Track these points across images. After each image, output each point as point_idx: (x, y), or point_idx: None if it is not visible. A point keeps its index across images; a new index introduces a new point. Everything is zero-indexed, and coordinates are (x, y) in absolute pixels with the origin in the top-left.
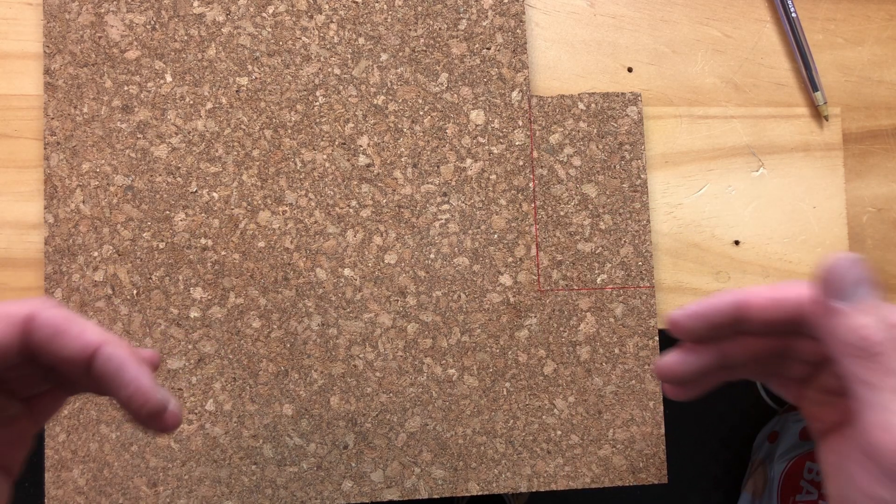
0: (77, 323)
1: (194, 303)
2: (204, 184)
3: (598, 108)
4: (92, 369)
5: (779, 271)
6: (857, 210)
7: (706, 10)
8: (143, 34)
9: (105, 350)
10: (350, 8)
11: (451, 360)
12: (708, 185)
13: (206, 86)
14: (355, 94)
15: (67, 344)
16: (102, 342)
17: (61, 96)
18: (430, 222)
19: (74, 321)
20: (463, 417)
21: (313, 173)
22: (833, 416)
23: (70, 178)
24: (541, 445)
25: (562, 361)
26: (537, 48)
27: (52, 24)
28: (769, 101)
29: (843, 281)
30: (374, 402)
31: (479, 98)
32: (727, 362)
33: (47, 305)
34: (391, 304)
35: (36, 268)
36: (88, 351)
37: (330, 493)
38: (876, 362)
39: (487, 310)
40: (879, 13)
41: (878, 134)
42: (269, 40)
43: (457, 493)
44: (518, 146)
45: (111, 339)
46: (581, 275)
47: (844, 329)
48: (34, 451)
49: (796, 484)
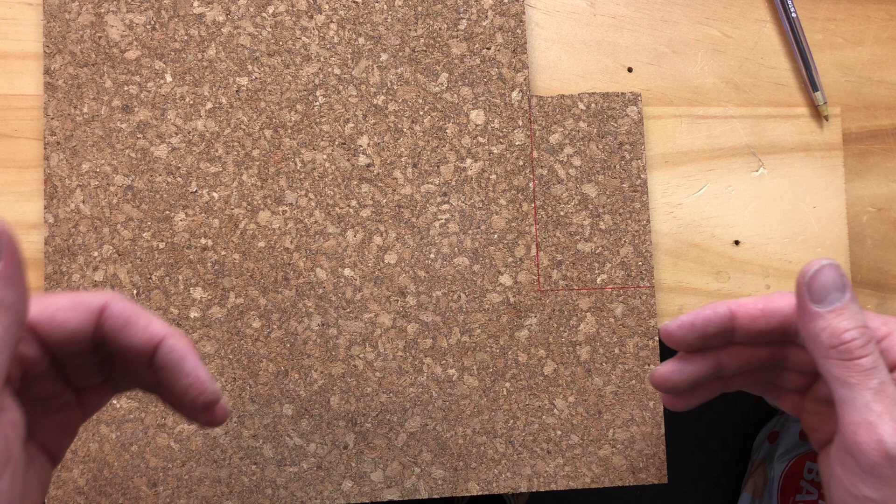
0: (145, 316)
1: (194, 303)
2: (204, 184)
3: (598, 108)
4: (155, 359)
5: (779, 271)
6: (857, 210)
7: (706, 10)
8: (143, 34)
9: (169, 341)
10: (350, 8)
11: (451, 360)
12: (708, 185)
13: (206, 86)
14: (355, 94)
15: (136, 334)
16: (167, 334)
17: (61, 96)
18: (430, 222)
19: (143, 314)
20: (463, 417)
21: (313, 173)
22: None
23: (70, 178)
24: (541, 445)
25: (562, 361)
26: (537, 48)
27: (52, 24)
28: (769, 101)
29: (823, 286)
30: (374, 402)
31: (479, 98)
32: (722, 372)
33: (118, 298)
34: (391, 304)
35: (36, 268)
36: (154, 342)
37: (330, 493)
38: (855, 363)
39: (487, 310)
40: (879, 13)
41: (878, 134)
42: (269, 40)
43: (457, 493)
44: (518, 146)
45: (175, 332)
46: (581, 275)
47: (824, 332)
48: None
49: (796, 484)
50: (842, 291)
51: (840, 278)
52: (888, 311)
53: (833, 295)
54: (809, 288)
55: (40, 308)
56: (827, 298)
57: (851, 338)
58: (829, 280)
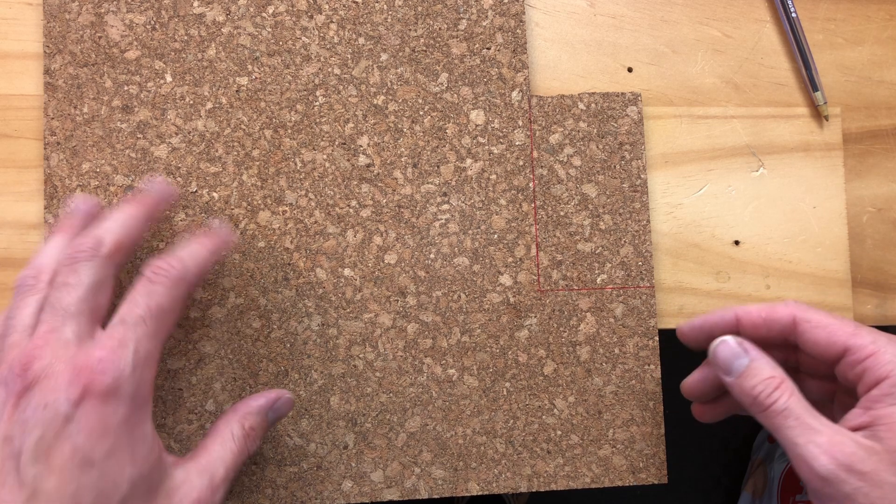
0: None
1: (194, 303)
2: (204, 184)
3: (598, 108)
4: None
5: (779, 271)
6: (857, 210)
7: (706, 10)
8: (143, 34)
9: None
10: (350, 8)
11: (451, 360)
12: (708, 185)
13: (206, 86)
14: (355, 94)
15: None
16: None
17: (61, 96)
18: (430, 222)
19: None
20: (463, 417)
21: (313, 173)
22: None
23: (70, 178)
24: (541, 445)
25: (562, 361)
26: (537, 48)
27: (52, 24)
28: (769, 101)
29: (724, 360)
30: (374, 402)
31: (479, 98)
32: None
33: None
34: (391, 304)
35: None
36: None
37: (330, 493)
38: (769, 411)
39: (487, 310)
40: (879, 13)
41: (878, 134)
42: (269, 40)
43: (457, 493)
44: (518, 146)
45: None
46: (581, 275)
47: (741, 396)
48: None
49: (796, 484)
50: (741, 357)
51: (737, 348)
52: (888, 311)
53: (735, 364)
54: (716, 365)
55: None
56: (732, 368)
57: (758, 392)
58: (727, 354)
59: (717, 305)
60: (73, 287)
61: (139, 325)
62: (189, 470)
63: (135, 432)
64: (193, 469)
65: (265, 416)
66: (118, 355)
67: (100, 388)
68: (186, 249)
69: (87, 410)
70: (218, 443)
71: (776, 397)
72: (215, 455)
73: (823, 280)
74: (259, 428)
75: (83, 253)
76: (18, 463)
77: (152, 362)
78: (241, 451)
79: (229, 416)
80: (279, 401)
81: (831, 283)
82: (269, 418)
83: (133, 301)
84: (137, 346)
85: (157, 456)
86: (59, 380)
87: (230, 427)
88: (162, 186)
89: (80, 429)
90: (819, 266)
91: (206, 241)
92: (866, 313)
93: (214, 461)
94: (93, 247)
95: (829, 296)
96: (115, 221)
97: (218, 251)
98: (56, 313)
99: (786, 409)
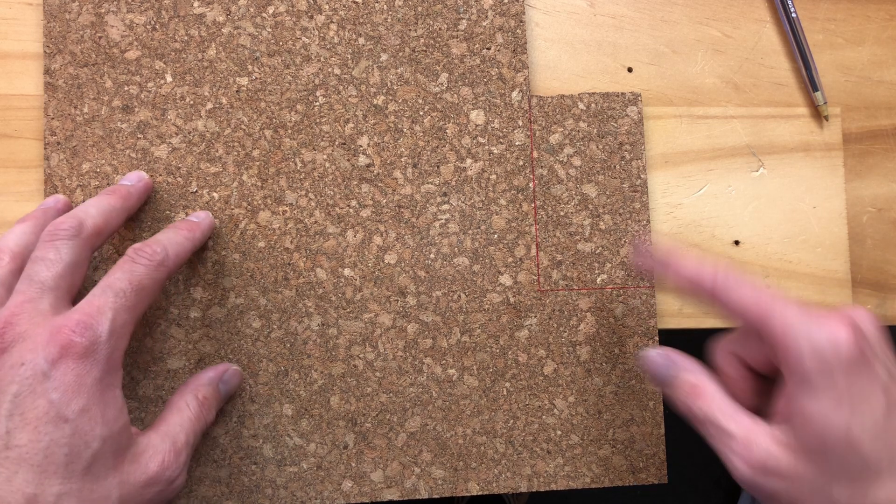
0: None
1: (194, 303)
2: (204, 184)
3: (598, 108)
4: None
5: (779, 271)
6: (857, 210)
7: (706, 10)
8: (143, 34)
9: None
10: (350, 8)
11: (451, 360)
12: (708, 185)
13: (206, 86)
14: (355, 94)
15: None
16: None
17: (61, 96)
18: (430, 222)
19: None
20: (463, 417)
21: (313, 173)
22: None
23: (70, 178)
24: (541, 445)
25: (562, 361)
26: (537, 48)
27: (52, 24)
28: (769, 101)
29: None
30: (374, 402)
31: (479, 98)
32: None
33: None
34: (391, 304)
35: None
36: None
37: (330, 493)
38: (697, 421)
39: (487, 310)
40: (879, 13)
41: (878, 134)
42: (270, 40)
43: (457, 493)
44: (518, 146)
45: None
46: (581, 275)
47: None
48: None
49: None
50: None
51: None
52: (888, 311)
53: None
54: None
55: None
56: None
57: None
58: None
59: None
60: (52, 262)
61: (119, 297)
62: (151, 437)
63: (106, 394)
64: (155, 436)
65: (216, 387)
66: (96, 320)
67: (77, 349)
68: (167, 236)
69: (63, 369)
70: (175, 412)
71: (697, 407)
72: (174, 422)
73: (823, 280)
74: (212, 398)
75: (65, 231)
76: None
77: (126, 334)
78: (198, 418)
79: (182, 390)
80: (227, 372)
81: (831, 283)
82: (221, 390)
83: (114, 275)
84: (115, 315)
85: (126, 421)
86: (37, 340)
87: (184, 398)
88: (142, 182)
89: (56, 386)
90: (819, 266)
91: (186, 230)
92: None
93: (174, 427)
94: (74, 227)
95: (829, 296)
96: (96, 207)
97: (198, 241)
98: (33, 285)
99: (704, 417)
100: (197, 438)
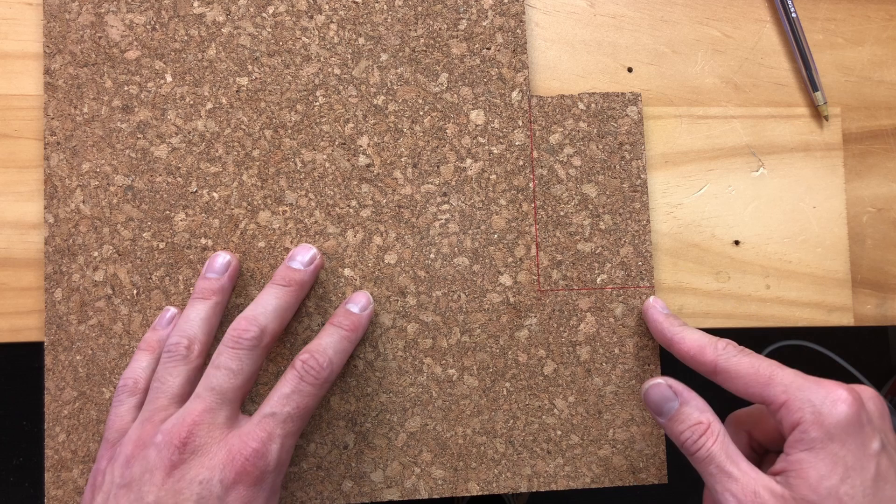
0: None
1: None
2: (204, 184)
3: (598, 108)
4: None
5: (779, 271)
6: (857, 210)
7: (706, 10)
8: (143, 34)
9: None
10: (350, 8)
11: (451, 360)
12: (708, 185)
13: (206, 86)
14: (355, 94)
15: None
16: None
17: (61, 96)
18: (430, 222)
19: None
20: (463, 417)
21: (313, 173)
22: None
23: (70, 178)
24: (541, 445)
25: (562, 361)
26: (537, 48)
27: (52, 24)
28: (769, 101)
29: (655, 402)
30: (374, 402)
31: (479, 98)
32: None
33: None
34: (391, 304)
35: (36, 268)
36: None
37: (330, 493)
38: (694, 457)
39: (487, 310)
40: (879, 13)
41: (878, 134)
42: (269, 40)
43: (457, 493)
44: (518, 146)
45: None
46: (581, 275)
47: (672, 438)
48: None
49: None
50: (672, 401)
51: (667, 391)
52: (888, 311)
53: (665, 407)
54: (648, 406)
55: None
56: (663, 411)
57: (685, 438)
58: (657, 397)
59: (717, 305)
60: (234, 374)
61: (287, 423)
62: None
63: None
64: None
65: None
66: (268, 448)
67: (250, 479)
68: (333, 341)
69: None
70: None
71: (700, 444)
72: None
73: (823, 280)
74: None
75: (248, 341)
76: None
77: (289, 458)
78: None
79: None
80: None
81: (831, 283)
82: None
83: (285, 395)
84: (283, 441)
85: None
86: (215, 460)
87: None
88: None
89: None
90: (819, 266)
91: (349, 331)
92: (866, 313)
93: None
94: (257, 336)
95: (829, 296)
96: (275, 311)
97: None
98: (214, 395)
99: (708, 456)
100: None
